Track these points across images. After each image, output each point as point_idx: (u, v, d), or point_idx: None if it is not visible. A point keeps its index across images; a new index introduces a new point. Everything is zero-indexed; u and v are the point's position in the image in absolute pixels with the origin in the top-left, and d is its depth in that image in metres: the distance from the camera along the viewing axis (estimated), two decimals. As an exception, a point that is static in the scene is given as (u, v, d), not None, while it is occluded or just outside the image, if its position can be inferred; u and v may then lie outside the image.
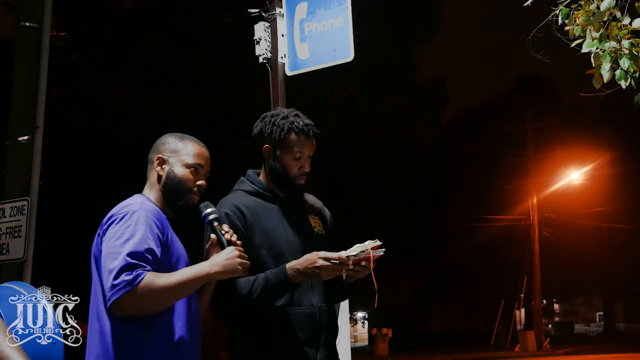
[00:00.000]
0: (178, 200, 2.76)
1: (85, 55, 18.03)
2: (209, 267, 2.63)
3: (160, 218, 2.67)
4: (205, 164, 2.82)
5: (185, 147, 2.82)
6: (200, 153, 2.82)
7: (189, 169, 2.77)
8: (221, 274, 2.65)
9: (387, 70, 22.93)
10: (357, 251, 2.82)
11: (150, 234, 2.56)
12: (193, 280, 2.59)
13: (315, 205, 3.29)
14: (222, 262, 2.65)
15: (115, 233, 2.55)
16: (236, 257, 2.67)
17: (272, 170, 3.11)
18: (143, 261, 2.50)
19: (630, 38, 4.61)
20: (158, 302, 2.52)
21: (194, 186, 2.77)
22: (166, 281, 2.51)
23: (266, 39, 6.12)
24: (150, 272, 2.49)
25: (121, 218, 2.58)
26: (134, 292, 2.44)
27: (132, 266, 2.46)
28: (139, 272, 2.46)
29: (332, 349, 3.09)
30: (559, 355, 26.41)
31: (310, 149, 3.11)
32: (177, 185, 2.76)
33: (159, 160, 2.81)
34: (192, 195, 2.77)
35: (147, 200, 2.74)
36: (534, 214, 28.33)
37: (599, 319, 49.66)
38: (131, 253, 2.48)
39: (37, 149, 6.90)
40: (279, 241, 3.02)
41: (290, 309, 2.95)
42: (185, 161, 2.78)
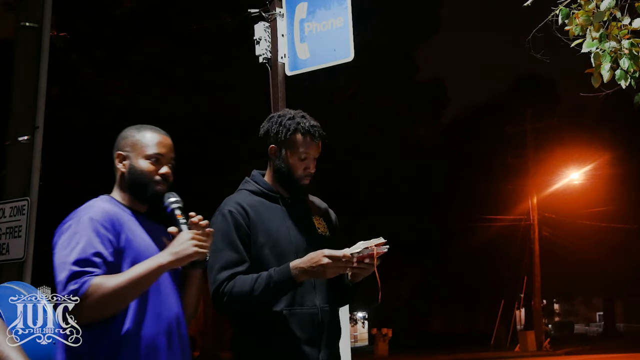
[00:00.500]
0: (144, 192, 2.72)
1: (85, 55, 18.03)
2: (162, 257, 2.55)
3: (113, 220, 2.59)
4: (166, 152, 2.75)
5: (143, 138, 2.76)
6: (160, 141, 2.76)
7: (149, 159, 2.72)
8: (176, 262, 2.55)
9: (387, 70, 22.93)
10: (361, 248, 2.82)
11: (97, 237, 2.51)
12: (145, 276, 2.50)
13: (321, 206, 3.29)
14: (175, 249, 2.56)
15: (62, 243, 2.52)
16: (189, 239, 2.57)
17: (277, 171, 3.12)
18: (90, 266, 2.45)
19: (630, 38, 4.62)
20: (111, 304, 2.46)
21: (156, 175, 2.72)
22: (116, 282, 2.45)
23: (266, 39, 6.12)
24: (99, 276, 2.44)
25: (68, 227, 2.56)
26: (84, 299, 2.39)
27: (78, 274, 2.42)
28: (84, 280, 2.41)
29: (334, 350, 3.09)
30: (559, 355, 26.41)
31: (316, 150, 3.11)
32: (140, 178, 2.71)
33: (119, 157, 2.77)
34: (157, 185, 2.71)
35: (105, 201, 2.70)
36: (534, 214, 28.33)
37: (599, 319, 49.67)
38: (77, 261, 2.44)
39: (37, 149, 6.90)
40: (282, 241, 3.02)
41: (293, 309, 2.95)
42: (145, 152, 2.73)
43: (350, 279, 3.08)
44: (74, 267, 2.43)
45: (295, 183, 3.09)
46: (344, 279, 3.10)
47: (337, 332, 3.13)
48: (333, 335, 3.09)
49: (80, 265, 2.44)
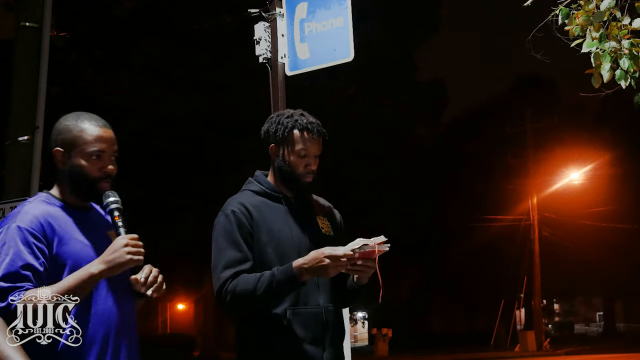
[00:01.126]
0: (87, 191, 2.60)
1: (85, 55, 18.04)
2: (94, 267, 2.44)
3: (43, 226, 2.47)
4: (108, 147, 2.61)
5: (82, 133, 2.58)
6: (100, 136, 2.60)
7: (90, 157, 2.57)
8: (109, 270, 2.44)
9: (387, 70, 22.93)
10: (360, 244, 2.81)
11: (26, 248, 2.39)
12: (76, 286, 2.40)
13: (325, 206, 3.28)
14: (108, 257, 2.44)
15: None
16: (122, 246, 2.45)
17: (279, 169, 3.11)
18: (19, 280, 2.34)
19: (630, 38, 4.61)
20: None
21: (99, 174, 2.59)
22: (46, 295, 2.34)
23: (266, 39, 6.12)
24: (29, 291, 2.34)
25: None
26: (13, 317, 2.30)
27: (7, 290, 2.32)
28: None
29: (338, 349, 3.09)
30: (559, 355, 26.41)
31: (316, 147, 3.09)
32: (82, 178, 2.57)
33: (58, 154, 2.61)
34: (101, 184, 2.59)
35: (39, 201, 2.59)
36: (534, 214, 28.33)
37: (599, 319, 49.67)
38: (4, 276, 2.34)
39: (37, 149, 6.90)
40: (285, 241, 3.02)
41: (297, 309, 2.95)
42: (84, 150, 2.57)
43: (356, 281, 3.08)
44: (1, 283, 2.32)
45: (298, 181, 3.08)
46: (349, 281, 3.11)
47: (341, 331, 3.14)
48: (337, 334, 3.09)
49: (8, 280, 2.34)
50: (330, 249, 2.83)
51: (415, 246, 27.47)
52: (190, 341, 22.43)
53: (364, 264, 2.86)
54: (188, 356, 21.38)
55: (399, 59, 24.11)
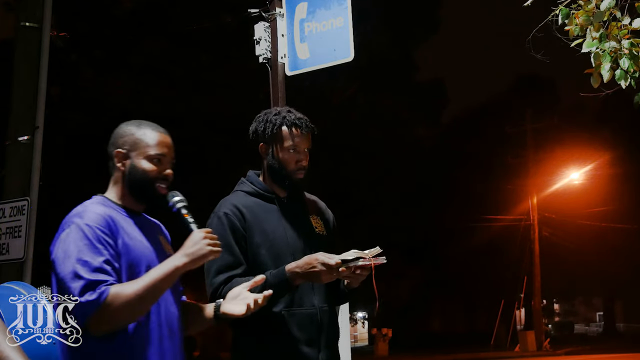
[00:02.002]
0: (145, 194, 2.63)
1: (85, 55, 18.04)
2: (177, 260, 2.49)
3: (108, 222, 2.51)
4: (168, 152, 2.66)
5: (144, 137, 2.65)
6: (161, 141, 2.66)
7: (152, 160, 2.62)
8: (192, 263, 2.49)
9: (387, 70, 22.93)
10: (354, 256, 2.79)
11: (100, 245, 2.43)
12: (162, 279, 2.44)
13: (318, 205, 3.27)
14: (189, 250, 2.50)
15: (64, 252, 2.42)
16: (202, 239, 2.51)
17: (270, 168, 3.10)
18: (103, 274, 2.38)
19: (630, 38, 4.61)
20: (131, 312, 2.40)
21: (158, 176, 2.62)
22: (134, 288, 2.38)
23: (266, 39, 6.12)
24: (115, 285, 2.38)
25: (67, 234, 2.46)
26: (103, 309, 2.33)
27: (94, 283, 2.34)
28: (102, 289, 2.34)
29: (333, 350, 3.09)
30: (559, 355, 26.41)
31: (306, 142, 3.07)
32: (142, 179, 2.62)
33: (119, 155, 2.66)
34: (159, 186, 2.63)
35: (98, 202, 2.61)
36: (534, 214, 28.32)
37: (599, 319, 49.67)
38: (89, 269, 2.36)
39: (37, 149, 6.90)
40: (279, 241, 3.01)
41: (292, 310, 2.95)
42: (147, 153, 2.62)
43: (346, 284, 3.08)
44: (88, 276, 2.34)
45: (289, 178, 3.06)
46: (340, 284, 3.11)
47: (336, 332, 3.13)
48: (332, 335, 3.08)
49: (94, 274, 2.36)
50: (324, 256, 2.83)
51: (415, 246, 27.47)
52: (190, 341, 22.46)
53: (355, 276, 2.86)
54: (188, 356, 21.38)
55: (399, 59, 24.11)
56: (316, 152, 3.19)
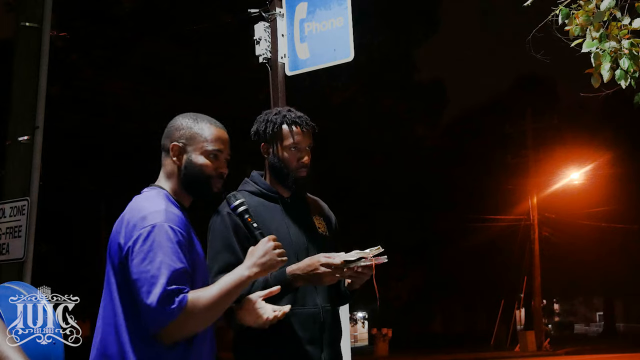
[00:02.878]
0: (201, 190, 2.58)
1: (85, 55, 18.05)
2: (248, 270, 2.48)
3: (183, 224, 2.48)
4: (224, 148, 2.62)
5: (201, 131, 2.58)
6: (219, 136, 2.61)
7: (208, 156, 2.57)
8: (262, 273, 2.51)
9: (387, 70, 22.95)
10: (356, 257, 2.79)
11: (180, 249, 2.39)
12: (234, 288, 2.44)
13: (320, 206, 3.29)
14: (260, 260, 2.50)
15: (147, 254, 2.35)
16: (272, 249, 2.52)
17: (272, 167, 3.11)
18: (182, 283, 2.34)
19: (630, 38, 4.62)
20: (204, 320, 2.40)
21: (215, 173, 2.58)
22: (208, 298, 2.37)
23: (266, 39, 6.12)
24: (191, 293, 2.36)
25: (147, 235, 2.38)
26: (181, 318, 2.31)
27: (174, 292, 2.31)
28: (180, 298, 2.31)
29: (336, 349, 3.09)
30: (559, 355, 26.41)
31: (307, 140, 3.09)
32: (199, 175, 2.55)
33: (175, 148, 2.57)
34: (213, 183, 2.58)
35: (167, 199, 2.53)
36: (534, 214, 28.32)
37: (599, 319, 49.66)
38: (169, 277, 2.31)
39: (37, 149, 6.89)
40: (282, 241, 2.99)
41: (294, 309, 2.94)
42: (205, 148, 2.56)
43: (347, 286, 3.09)
44: (168, 286, 2.30)
45: (292, 176, 3.07)
46: (341, 285, 3.12)
47: (339, 331, 3.14)
48: (335, 334, 3.09)
49: (173, 282, 2.31)
50: (325, 257, 2.83)
51: (416, 246, 27.47)
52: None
53: (357, 276, 2.87)
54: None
55: (399, 59, 24.12)
56: (316, 152, 3.19)
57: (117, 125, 17.50)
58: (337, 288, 3.13)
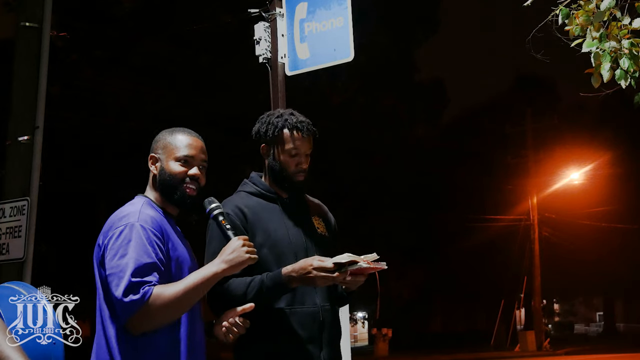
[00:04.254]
0: (173, 194, 2.75)
1: (85, 55, 18.04)
2: (216, 266, 2.63)
3: (159, 225, 2.65)
4: (196, 154, 2.78)
5: (173, 140, 2.78)
6: (190, 143, 2.78)
7: (178, 162, 2.74)
8: (230, 269, 2.64)
9: (387, 70, 22.94)
10: (347, 259, 2.80)
11: (150, 246, 2.55)
12: (202, 284, 2.59)
13: (320, 207, 3.30)
14: (228, 257, 2.64)
15: (117, 250, 2.54)
16: (241, 246, 2.66)
17: (270, 169, 3.13)
18: (148, 276, 2.50)
19: (630, 38, 4.61)
20: (170, 313, 2.54)
21: (185, 177, 2.74)
22: (174, 291, 2.52)
23: (266, 39, 6.12)
24: (157, 286, 2.50)
25: (120, 233, 2.57)
26: (145, 309, 2.47)
27: (138, 284, 2.47)
28: (145, 289, 2.47)
29: (335, 349, 3.10)
30: (559, 355, 26.42)
31: (307, 146, 3.10)
32: (169, 180, 2.74)
33: (152, 159, 2.80)
34: (185, 187, 2.74)
35: (147, 204, 2.73)
36: (534, 214, 28.33)
37: (599, 319, 49.67)
38: (135, 270, 2.48)
39: (37, 149, 6.89)
40: (281, 241, 3.02)
41: (294, 308, 2.96)
42: (174, 154, 2.75)
43: (344, 288, 3.10)
44: (133, 278, 2.47)
45: (289, 180, 3.09)
46: (338, 287, 3.13)
47: (338, 330, 3.15)
48: (334, 333, 3.10)
49: (139, 275, 2.48)
50: (318, 261, 2.83)
51: (416, 246, 27.46)
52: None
53: (353, 279, 2.86)
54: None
55: (399, 59, 24.11)
56: (316, 152, 3.20)
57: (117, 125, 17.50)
58: (335, 289, 3.13)
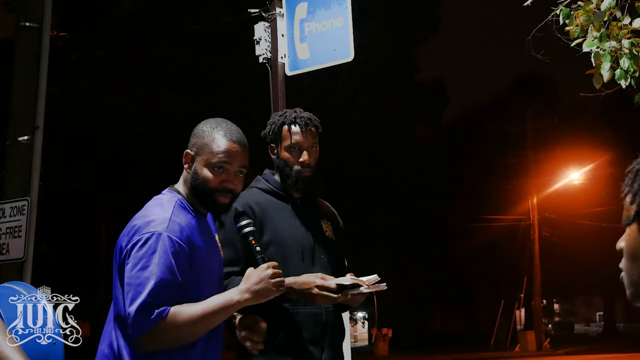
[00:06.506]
0: (205, 202, 2.59)
1: (85, 55, 18.04)
2: (239, 295, 2.47)
3: (188, 235, 2.48)
4: (233, 161, 2.54)
5: (212, 142, 2.56)
6: (227, 149, 2.54)
7: (212, 168, 2.55)
8: (253, 300, 2.49)
9: (387, 70, 22.94)
10: (351, 282, 2.80)
11: (175, 261, 2.39)
12: (221, 310, 2.44)
13: (329, 210, 3.31)
14: (254, 287, 2.48)
15: (139, 260, 2.38)
16: (269, 277, 2.50)
17: (277, 168, 3.14)
18: (167, 295, 2.36)
19: (630, 38, 4.61)
20: (183, 335, 2.41)
21: (219, 186, 2.55)
22: (190, 315, 2.38)
23: (266, 39, 6.11)
24: (174, 307, 2.37)
25: (145, 241, 2.41)
26: (157, 330, 2.34)
27: (155, 304, 2.33)
28: (161, 310, 2.34)
29: (337, 350, 3.10)
30: (559, 355, 26.41)
31: (308, 140, 3.09)
32: (201, 187, 2.55)
33: (187, 156, 2.60)
34: (218, 196, 2.56)
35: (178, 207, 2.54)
36: (534, 214, 28.33)
37: (599, 319, 49.65)
38: (154, 288, 2.34)
39: (37, 149, 6.88)
40: (288, 240, 3.03)
41: (296, 309, 2.96)
42: (209, 160, 2.54)
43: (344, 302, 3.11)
44: (149, 298, 2.33)
45: (295, 176, 3.09)
46: None
47: (341, 332, 3.15)
48: (336, 335, 3.10)
49: (158, 293, 2.34)
50: (322, 280, 2.84)
51: (416, 246, 27.46)
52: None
53: (352, 297, 2.86)
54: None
55: (399, 59, 24.12)
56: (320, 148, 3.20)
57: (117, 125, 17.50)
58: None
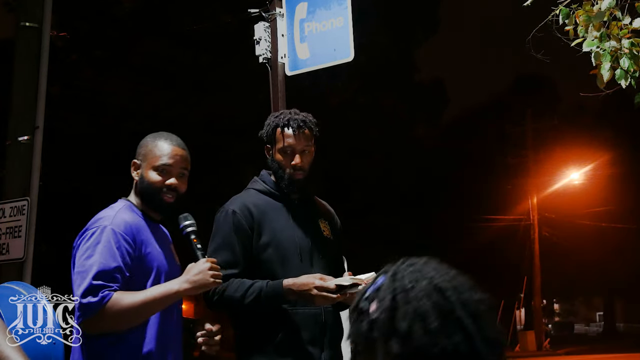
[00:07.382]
0: (151, 203, 2.80)
1: (85, 55, 18.04)
2: (179, 284, 2.64)
3: (133, 230, 2.67)
4: (175, 163, 2.80)
5: (155, 148, 2.81)
6: (170, 152, 2.80)
7: (156, 171, 2.78)
8: (192, 290, 2.65)
9: (387, 70, 22.93)
10: (350, 282, 2.81)
11: (118, 251, 2.58)
12: (161, 299, 2.61)
13: (327, 210, 3.31)
14: (193, 277, 2.65)
15: (85, 251, 2.59)
16: (207, 269, 2.66)
17: (271, 169, 3.15)
18: (110, 281, 2.53)
19: (630, 37, 4.61)
20: (124, 321, 2.55)
21: (163, 186, 2.77)
22: (132, 300, 2.54)
23: (266, 39, 6.11)
24: (117, 292, 2.53)
25: (91, 235, 2.62)
26: (100, 313, 2.49)
27: (99, 287, 2.50)
28: (104, 294, 2.50)
29: (337, 350, 3.10)
30: (559, 355, 26.40)
31: (301, 142, 3.08)
32: (147, 189, 2.78)
33: (134, 165, 2.85)
34: (163, 196, 2.78)
35: (126, 208, 2.76)
36: (534, 214, 28.32)
37: (599, 319, 49.66)
38: (98, 273, 2.52)
39: (37, 149, 6.89)
40: (286, 241, 3.03)
41: (296, 309, 2.96)
42: (153, 164, 2.79)
43: None
44: (95, 281, 2.50)
45: (288, 178, 3.09)
46: None
47: (340, 332, 3.15)
48: (336, 335, 3.10)
49: (101, 278, 2.51)
50: (321, 280, 2.85)
51: (415, 246, 27.42)
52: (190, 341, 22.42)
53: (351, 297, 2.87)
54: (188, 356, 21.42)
55: (399, 59, 24.11)
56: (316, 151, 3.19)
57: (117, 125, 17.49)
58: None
